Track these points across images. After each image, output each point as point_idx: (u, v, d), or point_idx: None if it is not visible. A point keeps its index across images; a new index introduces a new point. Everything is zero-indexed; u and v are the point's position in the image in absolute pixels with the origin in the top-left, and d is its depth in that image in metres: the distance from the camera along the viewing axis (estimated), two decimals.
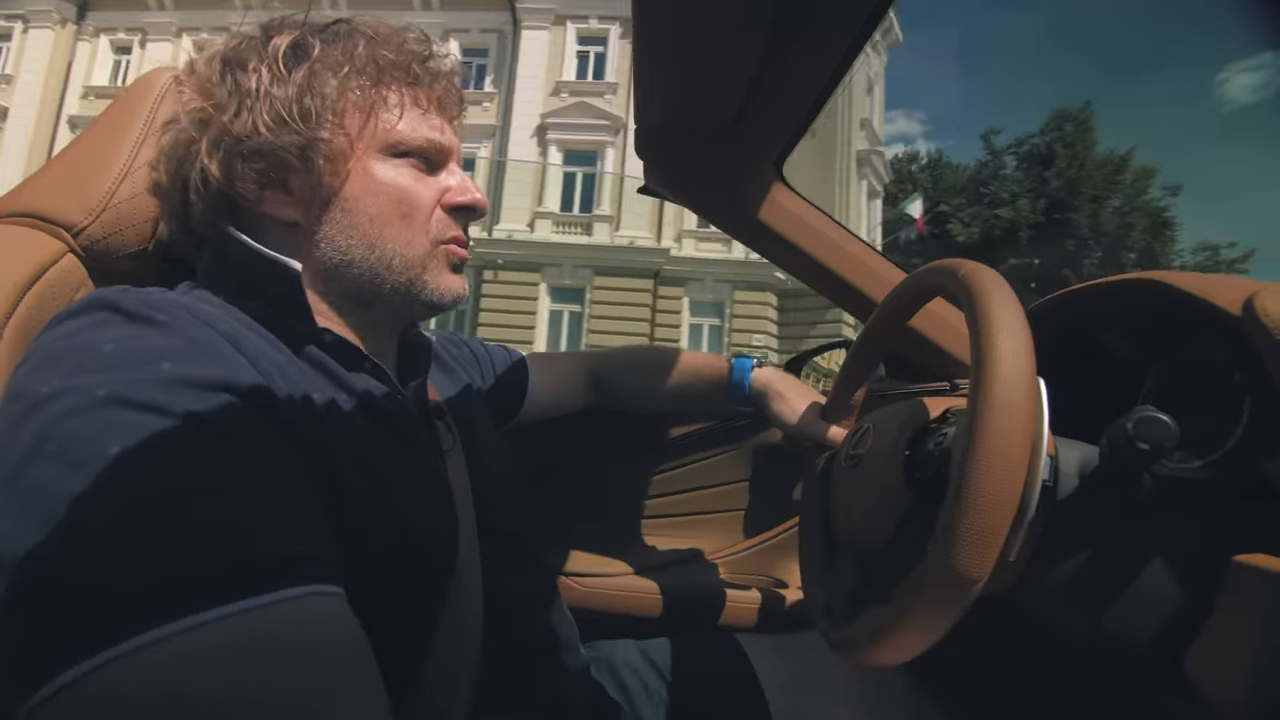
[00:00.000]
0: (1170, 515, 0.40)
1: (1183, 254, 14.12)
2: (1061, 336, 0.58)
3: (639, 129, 0.74)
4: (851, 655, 0.45)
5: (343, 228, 0.46)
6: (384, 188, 0.47)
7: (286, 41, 0.46)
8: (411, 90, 0.49)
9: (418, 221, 0.48)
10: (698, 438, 0.96)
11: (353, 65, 0.46)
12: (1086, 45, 25.83)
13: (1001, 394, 0.37)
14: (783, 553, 0.94)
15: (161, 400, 0.32)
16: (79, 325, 0.35)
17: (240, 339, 0.39)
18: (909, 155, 18.51)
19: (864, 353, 0.65)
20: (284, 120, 0.44)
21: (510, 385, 0.77)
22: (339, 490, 0.39)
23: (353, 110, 0.46)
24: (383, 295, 0.48)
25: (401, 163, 0.48)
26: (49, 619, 0.27)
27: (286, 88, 0.44)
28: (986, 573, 0.36)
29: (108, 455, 0.29)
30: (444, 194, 0.50)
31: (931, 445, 0.49)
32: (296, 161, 0.45)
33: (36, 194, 0.52)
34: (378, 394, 0.47)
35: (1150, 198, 14.32)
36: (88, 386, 0.31)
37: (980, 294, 0.42)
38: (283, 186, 0.46)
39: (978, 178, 15.36)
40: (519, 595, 0.53)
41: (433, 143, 0.49)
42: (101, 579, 0.28)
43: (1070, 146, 14.43)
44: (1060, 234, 14.17)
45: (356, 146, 0.46)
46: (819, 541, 0.64)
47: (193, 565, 0.29)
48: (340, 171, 0.46)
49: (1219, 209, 27.58)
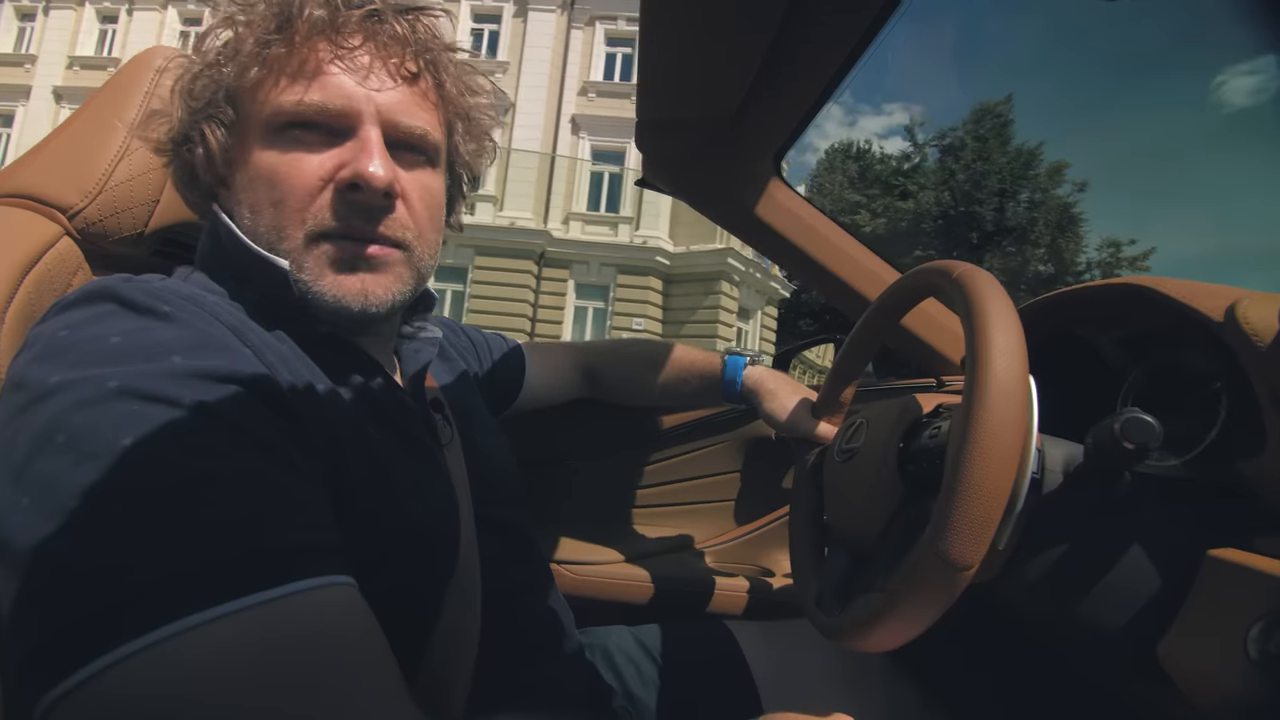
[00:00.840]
0: (1148, 511, 0.42)
1: (1088, 249, 14.35)
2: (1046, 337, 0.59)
3: (639, 121, 0.74)
4: (844, 642, 0.46)
5: (239, 222, 0.43)
6: (259, 173, 0.41)
7: (213, 26, 0.43)
8: (292, 51, 0.41)
9: (289, 209, 0.41)
10: (689, 428, 0.97)
11: (237, 29, 0.41)
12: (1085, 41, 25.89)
13: (997, 389, 0.39)
14: (771, 542, 0.96)
15: (173, 392, 0.31)
16: (83, 316, 0.35)
17: (244, 331, 0.39)
18: (843, 146, 18.44)
19: (856, 350, 0.66)
20: (182, 118, 0.43)
21: (507, 375, 0.77)
22: (345, 480, 0.39)
23: (236, 93, 0.42)
24: (284, 299, 0.43)
25: (282, 142, 0.41)
26: (64, 614, 0.27)
27: (194, 81, 0.43)
28: (978, 560, 0.38)
29: (121, 447, 0.29)
30: (336, 170, 0.42)
31: (925, 439, 0.51)
32: (189, 155, 0.43)
33: (32, 174, 0.51)
34: (375, 389, 0.46)
35: (1060, 194, 14.42)
36: (97, 378, 0.31)
37: (976, 294, 0.43)
38: (223, 181, 0.45)
39: (900, 170, 15.33)
40: (517, 583, 0.54)
41: (311, 105, 0.41)
42: (118, 572, 0.27)
43: (982, 140, 14.42)
44: (965, 227, 14.17)
45: (243, 132, 0.42)
46: (810, 535, 0.65)
47: (210, 557, 0.29)
48: (232, 160, 0.43)
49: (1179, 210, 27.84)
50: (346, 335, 0.46)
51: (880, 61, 1.24)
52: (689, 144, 0.76)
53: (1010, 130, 14.53)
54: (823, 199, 14.83)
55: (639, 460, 0.98)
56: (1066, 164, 14.60)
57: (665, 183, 0.84)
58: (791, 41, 0.60)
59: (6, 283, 0.43)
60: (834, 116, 25.80)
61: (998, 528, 0.38)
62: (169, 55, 0.57)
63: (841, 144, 18.52)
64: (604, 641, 0.70)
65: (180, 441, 0.31)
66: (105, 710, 0.26)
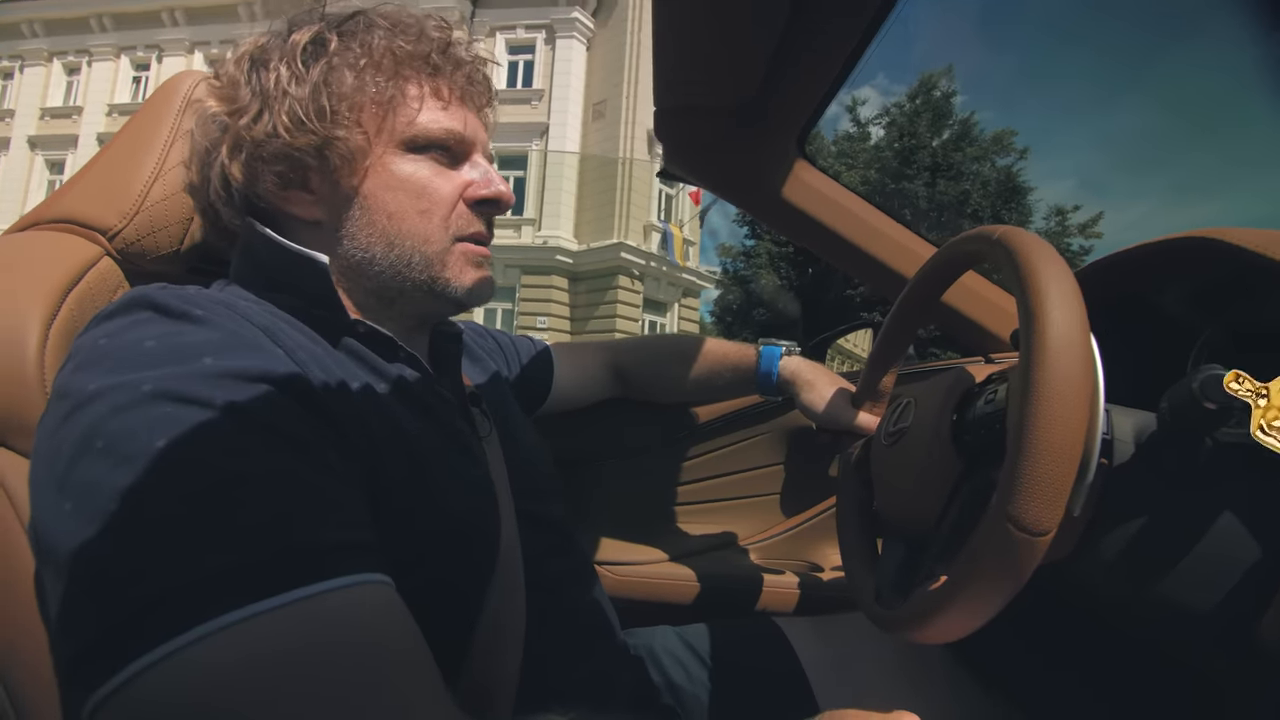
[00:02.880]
0: (1234, 480, 0.39)
1: (1035, 220, 13.52)
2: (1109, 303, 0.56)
3: (658, 110, 0.73)
4: (906, 634, 0.44)
5: (362, 225, 0.46)
6: (402, 184, 0.46)
7: (305, 38, 0.45)
8: (431, 81, 0.47)
9: (436, 217, 0.47)
10: (726, 422, 0.95)
11: (370, 59, 0.45)
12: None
13: (1056, 339, 0.36)
14: (819, 535, 0.93)
15: (205, 393, 0.32)
16: (120, 324, 0.36)
17: (276, 331, 0.39)
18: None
19: (894, 333, 0.64)
20: (301, 121, 0.43)
21: (536, 376, 0.77)
22: (382, 478, 0.39)
23: (370, 106, 0.45)
24: (405, 292, 0.48)
25: (421, 157, 0.47)
26: (104, 617, 0.27)
27: (303, 86, 0.44)
28: (1054, 525, 0.35)
29: (155, 449, 0.29)
30: (466, 187, 0.49)
31: (981, 406, 0.48)
32: (314, 162, 0.45)
33: (73, 200, 0.53)
34: (414, 382, 0.47)
35: (1004, 164, 13.64)
36: (133, 383, 0.31)
37: (1023, 249, 0.41)
38: (304, 186, 0.46)
39: (843, 150, 14.70)
40: (559, 579, 0.53)
41: (453, 134, 0.48)
42: (155, 573, 0.28)
43: (914, 116, 13.81)
44: (896, 203, 13.51)
45: (375, 143, 0.46)
46: (861, 530, 0.62)
47: (244, 556, 0.29)
48: (358, 169, 0.45)
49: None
50: (389, 332, 0.47)
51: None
52: (709, 130, 0.75)
53: (950, 103, 13.98)
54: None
55: (677, 456, 0.96)
56: (1012, 132, 14.05)
57: (686, 170, 0.82)
58: (807, 19, 0.59)
59: (49, 301, 0.44)
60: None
61: (1072, 489, 0.35)
62: (196, 79, 0.58)
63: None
64: (649, 643, 0.68)
65: (213, 442, 0.31)
66: (147, 710, 0.26)
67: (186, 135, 0.55)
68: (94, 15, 14.41)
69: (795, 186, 0.79)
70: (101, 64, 14.52)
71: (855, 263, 0.83)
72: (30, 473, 0.33)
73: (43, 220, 0.53)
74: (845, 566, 0.62)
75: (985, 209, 13.13)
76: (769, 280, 14.75)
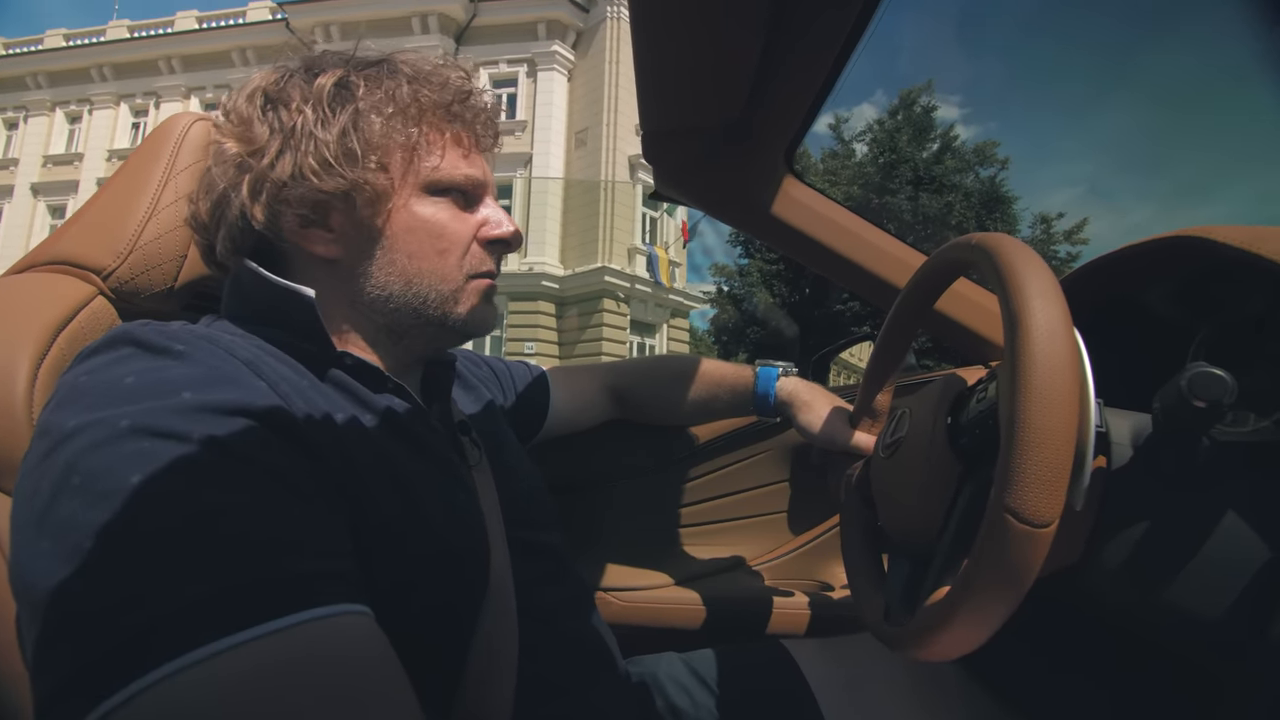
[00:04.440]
0: (1235, 480, 0.38)
1: (1020, 229, 13.64)
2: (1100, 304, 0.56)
3: (645, 133, 0.74)
4: (914, 652, 0.43)
5: (382, 265, 0.47)
6: (424, 225, 0.48)
7: (331, 81, 0.46)
8: (452, 128, 0.49)
9: (454, 257, 0.49)
10: (728, 440, 0.94)
11: (396, 106, 0.46)
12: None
13: (1039, 327, 0.36)
14: (827, 553, 0.92)
15: (182, 428, 0.32)
16: (101, 361, 0.36)
17: (259, 364, 0.39)
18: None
19: (888, 347, 0.63)
20: (328, 164, 0.44)
21: (532, 401, 0.76)
22: (369, 508, 0.39)
23: (396, 150, 0.46)
24: (417, 327, 0.49)
25: (440, 200, 0.49)
26: (81, 653, 0.27)
27: (330, 129, 0.44)
28: (1055, 515, 0.34)
29: (131, 485, 0.29)
30: (480, 227, 0.51)
31: (974, 405, 0.48)
32: (339, 204, 0.45)
33: (68, 241, 0.53)
34: (402, 413, 0.47)
35: (986, 174, 13.83)
36: (110, 419, 0.31)
37: (1000, 251, 0.41)
38: (324, 225, 0.46)
39: (828, 167, 14.86)
40: (554, 607, 0.52)
41: (470, 179, 0.50)
42: (128, 609, 0.27)
43: (895, 132, 14.00)
44: (880, 218, 13.61)
45: (398, 186, 0.47)
46: (865, 551, 0.61)
47: (217, 588, 0.29)
48: (382, 211, 0.46)
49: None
50: (379, 364, 0.47)
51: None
52: (697, 150, 0.76)
53: (930, 117, 14.16)
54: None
55: (680, 477, 0.95)
56: (994, 143, 14.27)
57: (676, 191, 0.83)
58: (786, 36, 0.60)
59: (40, 341, 0.45)
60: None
61: (1070, 480, 0.35)
62: (190, 121, 0.59)
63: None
64: (654, 670, 0.67)
65: (189, 476, 0.31)
66: None
67: (181, 176, 0.56)
68: (95, 65, 14.80)
69: (785, 202, 0.80)
70: (102, 111, 14.86)
71: (848, 275, 0.84)
72: (11, 511, 0.33)
73: (38, 262, 0.53)
74: (852, 587, 0.61)
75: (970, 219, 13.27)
76: (763, 298, 14.83)
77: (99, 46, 14.94)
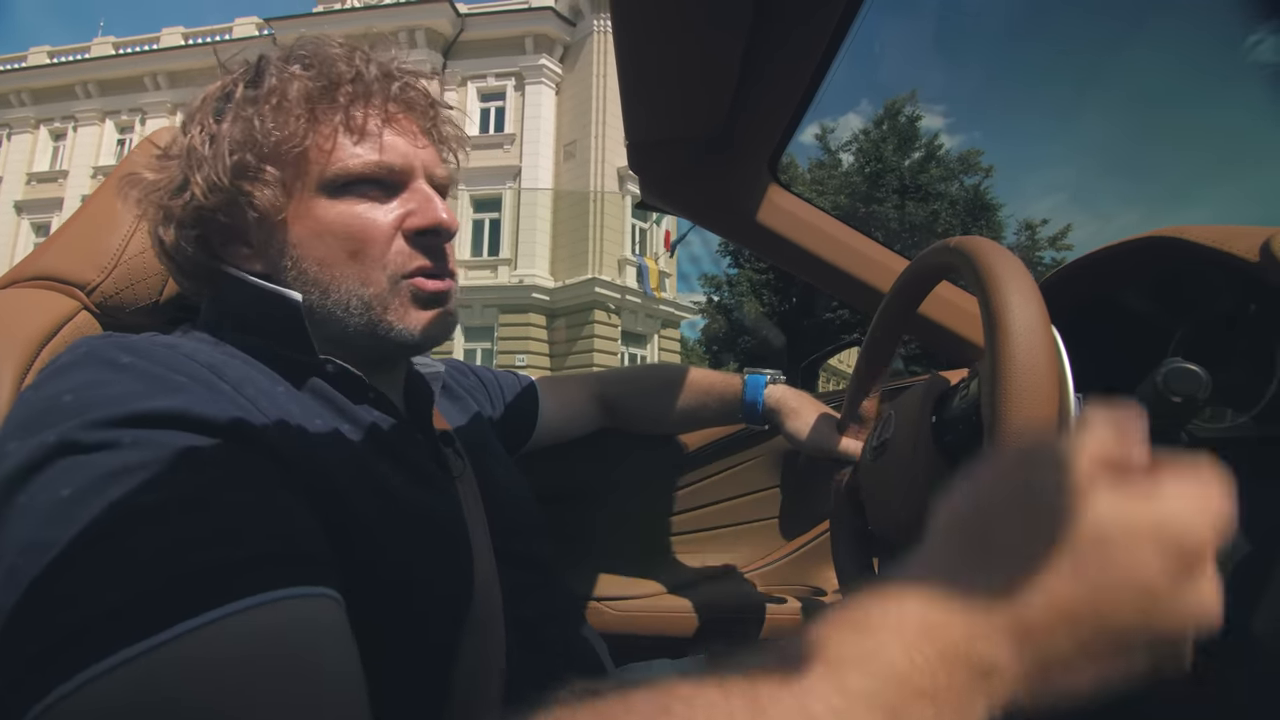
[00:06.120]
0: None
1: (1005, 236, 13.95)
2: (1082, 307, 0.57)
3: (630, 144, 0.75)
4: None
5: (295, 275, 0.45)
6: (327, 228, 0.44)
7: (215, 91, 0.44)
8: (345, 114, 0.44)
9: (371, 257, 0.45)
10: (719, 447, 0.94)
11: (270, 104, 0.43)
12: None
13: (1016, 321, 0.37)
14: (820, 558, 0.92)
15: (110, 438, 0.32)
16: (47, 376, 0.36)
17: (223, 368, 0.38)
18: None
19: (873, 352, 0.64)
20: (214, 182, 0.42)
21: (521, 411, 0.76)
22: (347, 518, 0.38)
23: (283, 153, 0.43)
24: (348, 337, 0.46)
25: (347, 198, 0.44)
26: (22, 652, 0.27)
27: (217, 145, 0.43)
28: None
29: (60, 498, 0.29)
30: (402, 220, 0.46)
31: (956, 402, 0.48)
32: (226, 219, 0.44)
33: (51, 257, 0.53)
34: (383, 424, 0.46)
35: (971, 182, 14.09)
36: (40, 440, 0.31)
37: (977, 251, 0.42)
38: (243, 240, 0.45)
39: (815, 177, 15.01)
40: (542, 618, 0.52)
41: (380, 165, 0.45)
42: (67, 608, 0.27)
43: (881, 141, 14.24)
44: (867, 226, 13.77)
45: (293, 189, 0.44)
46: (857, 555, 0.62)
47: (145, 585, 0.28)
48: (278, 220, 0.44)
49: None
50: (359, 371, 0.46)
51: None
52: (681, 160, 0.77)
53: (915, 126, 14.37)
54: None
55: (671, 485, 0.95)
56: (978, 152, 14.57)
57: (662, 201, 0.84)
58: (766, 46, 0.61)
59: (21, 358, 0.44)
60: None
61: None
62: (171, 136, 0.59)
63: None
64: (645, 678, 0.66)
65: (117, 482, 0.30)
66: None
67: (145, 184, 0.55)
68: (79, 82, 14.70)
69: (769, 210, 0.81)
70: (86, 128, 14.74)
71: (833, 281, 0.85)
72: None
73: (22, 278, 0.53)
74: (844, 592, 0.61)
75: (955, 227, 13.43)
76: (752, 308, 14.90)
77: (84, 63, 14.86)
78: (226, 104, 0.44)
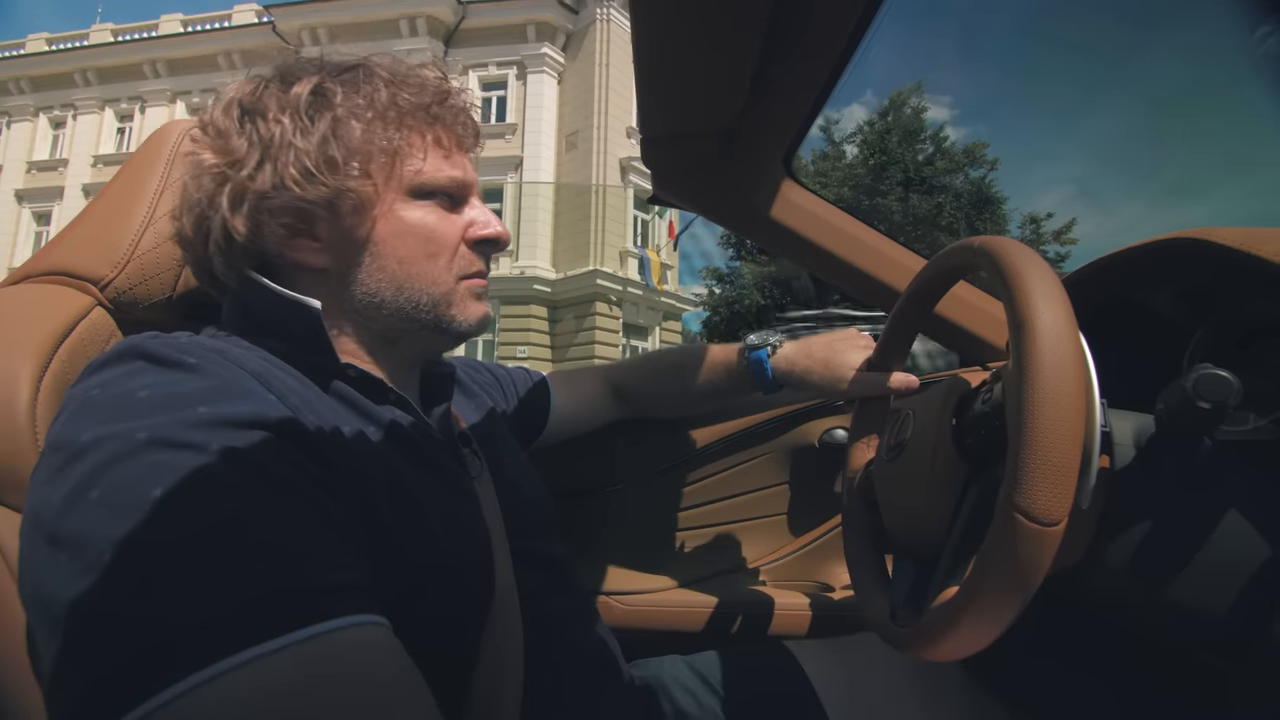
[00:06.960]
0: (1236, 478, 0.39)
1: (1009, 229, 13.72)
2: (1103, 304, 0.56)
3: (643, 138, 0.74)
4: (921, 652, 0.43)
5: (371, 271, 0.47)
6: (411, 230, 0.47)
7: (308, 89, 0.45)
8: (433, 130, 0.49)
9: (443, 259, 0.49)
10: (729, 443, 0.94)
11: (375, 111, 0.46)
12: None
13: (1046, 328, 0.37)
14: (829, 554, 0.92)
15: (199, 439, 0.32)
16: (113, 375, 0.35)
17: (269, 377, 0.39)
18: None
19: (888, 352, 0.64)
20: (310, 173, 0.43)
21: (533, 406, 0.76)
22: (375, 520, 0.39)
23: (378, 156, 0.46)
24: (411, 332, 0.49)
25: (426, 203, 0.48)
26: (98, 667, 0.27)
27: (310, 138, 0.44)
28: (1064, 514, 0.35)
29: (151, 498, 0.29)
30: (467, 229, 0.51)
31: (979, 405, 0.48)
32: (323, 213, 0.45)
33: (64, 252, 0.53)
34: (404, 424, 0.46)
35: (976, 175, 13.88)
36: (127, 432, 0.31)
37: (1003, 253, 0.42)
38: (310, 234, 0.46)
39: (819, 169, 14.87)
40: (558, 616, 0.53)
41: (455, 181, 0.50)
42: (149, 621, 0.27)
43: (885, 133, 14.07)
44: (871, 219, 13.63)
45: (383, 191, 0.46)
46: (869, 553, 0.62)
47: (239, 600, 0.28)
48: (367, 218, 0.46)
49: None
50: (379, 375, 0.47)
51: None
52: (695, 156, 0.76)
53: (920, 119, 14.19)
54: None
55: (681, 481, 0.95)
56: (983, 144, 14.32)
57: (675, 196, 0.83)
58: (785, 41, 0.60)
59: (40, 354, 0.44)
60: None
61: (1079, 478, 0.35)
62: (185, 129, 0.58)
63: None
64: (657, 673, 0.67)
65: (207, 488, 0.30)
66: None
67: (176, 185, 0.55)
68: (78, 70, 14.63)
69: (783, 206, 0.81)
70: (86, 117, 14.68)
71: (847, 278, 0.84)
72: (21, 526, 0.33)
73: (34, 273, 0.52)
74: (856, 589, 0.61)
75: (960, 220, 13.37)
76: (753, 301, 14.89)
77: (82, 51, 14.77)
78: (324, 103, 0.45)
